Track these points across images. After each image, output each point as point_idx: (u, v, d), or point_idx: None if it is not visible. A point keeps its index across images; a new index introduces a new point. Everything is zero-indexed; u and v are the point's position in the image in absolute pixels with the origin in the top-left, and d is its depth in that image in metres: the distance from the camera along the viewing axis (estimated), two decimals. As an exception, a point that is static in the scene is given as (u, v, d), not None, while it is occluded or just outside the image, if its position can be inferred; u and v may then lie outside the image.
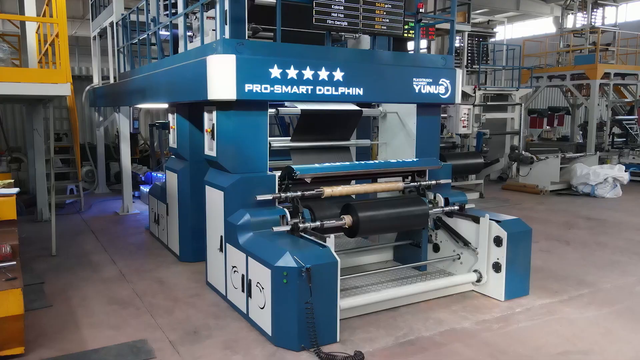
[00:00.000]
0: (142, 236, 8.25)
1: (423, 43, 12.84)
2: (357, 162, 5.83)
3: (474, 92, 13.52)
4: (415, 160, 6.03)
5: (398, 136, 6.64)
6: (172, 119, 6.95)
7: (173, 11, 8.85)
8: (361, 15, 5.64)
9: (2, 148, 11.57)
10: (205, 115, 5.70)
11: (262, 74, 5.07)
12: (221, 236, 5.39)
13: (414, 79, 6.02)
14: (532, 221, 9.29)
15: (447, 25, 11.85)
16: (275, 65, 5.13)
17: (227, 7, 5.34)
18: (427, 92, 6.12)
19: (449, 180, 6.31)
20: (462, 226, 5.86)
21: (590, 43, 16.12)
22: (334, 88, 5.49)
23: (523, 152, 12.76)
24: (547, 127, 18.99)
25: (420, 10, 6.12)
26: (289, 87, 5.23)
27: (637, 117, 16.45)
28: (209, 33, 6.09)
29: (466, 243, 5.76)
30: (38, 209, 9.29)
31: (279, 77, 5.15)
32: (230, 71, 4.93)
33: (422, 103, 6.17)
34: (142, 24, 8.33)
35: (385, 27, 5.82)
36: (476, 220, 5.65)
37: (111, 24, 9.67)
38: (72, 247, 7.59)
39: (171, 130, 6.97)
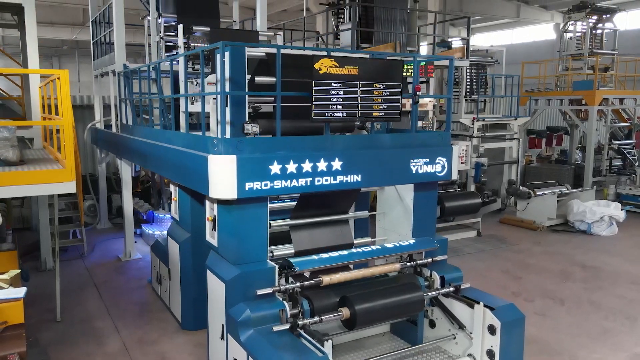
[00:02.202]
0: (145, 292, 8.40)
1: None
2: (354, 252, 5.96)
3: (473, 124, 13.61)
4: (411, 243, 6.16)
5: (395, 209, 6.77)
6: (174, 190, 7.08)
7: (174, 52, 8.95)
8: (359, 104, 5.75)
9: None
10: (207, 203, 5.83)
11: (262, 171, 5.19)
12: (222, 325, 5.53)
13: (411, 160, 6.14)
14: (529, 270, 9.51)
15: (445, 62, 11.92)
16: (275, 161, 5.25)
17: (227, 88, 5.41)
18: (424, 171, 6.24)
19: (445, 257, 6.45)
20: (458, 308, 5.99)
21: (589, 67, 16.19)
22: (332, 177, 5.61)
23: (520, 188, 12.87)
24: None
25: (418, 92, 6.21)
26: (289, 181, 5.35)
27: (634, 141, 16.53)
28: (210, 101, 6.20)
29: (461, 326, 5.90)
30: (42, 258, 9.42)
31: (278, 172, 5.28)
32: (231, 172, 5.05)
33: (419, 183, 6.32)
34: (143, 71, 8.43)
35: (383, 114, 5.94)
36: (471, 305, 5.79)
37: (113, 72, 9.75)
38: (76, 308, 7.73)
39: (173, 201, 7.10)
